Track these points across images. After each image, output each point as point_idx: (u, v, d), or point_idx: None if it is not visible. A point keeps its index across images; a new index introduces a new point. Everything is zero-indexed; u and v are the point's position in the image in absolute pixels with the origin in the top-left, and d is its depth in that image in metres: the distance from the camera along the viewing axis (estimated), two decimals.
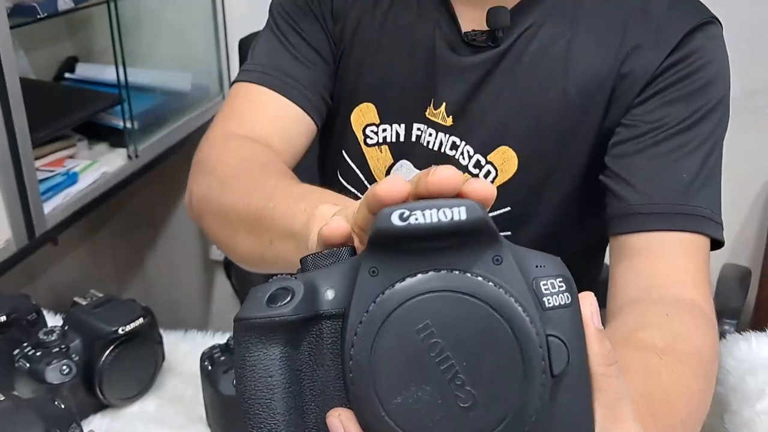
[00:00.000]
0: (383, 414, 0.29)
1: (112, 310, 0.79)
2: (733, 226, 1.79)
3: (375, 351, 0.29)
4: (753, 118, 1.68)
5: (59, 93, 1.50)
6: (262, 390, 0.31)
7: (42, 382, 0.74)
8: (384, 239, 0.30)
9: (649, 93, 0.73)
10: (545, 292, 0.31)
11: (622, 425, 0.33)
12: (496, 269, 0.30)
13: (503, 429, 0.29)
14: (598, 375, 0.32)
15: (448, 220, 0.29)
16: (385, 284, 0.30)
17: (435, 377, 0.29)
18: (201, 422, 0.79)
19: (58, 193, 1.27)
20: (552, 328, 0.30)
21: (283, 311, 0.31)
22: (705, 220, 0.69)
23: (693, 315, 0.63)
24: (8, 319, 0.79)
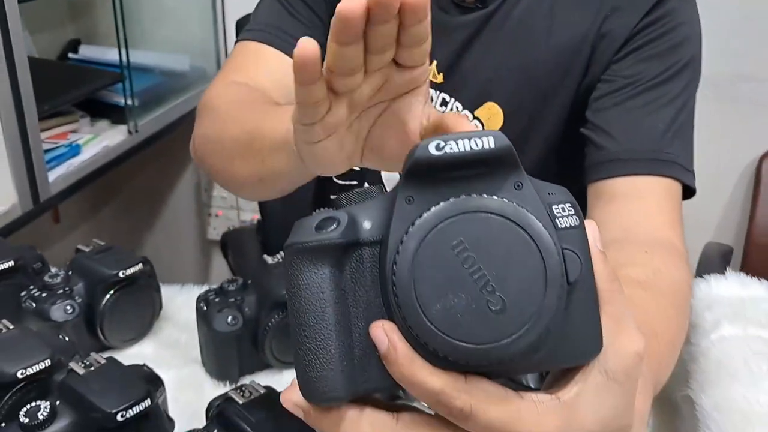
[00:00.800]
0: (425, 319, 0.32)
1: (113, 256, 0.84)
2: (716, 206, 1.84)
3: (415, 266, 0.32)
4: (736, 102, 1.73)
5: (64, 70, 1.56)
6: (314, 304, 0.35)
7: (47, 320, 0.79)
8: (421, 168, 0.33)
9: (626, 51, 0.79)
10: (557, 214, 0.34)
11: (628, 334, 0.36)
12: (518, 193, 0.34)
13: (528, 328, 0.32)
14: (604, 291, 0.36)
15: (479, 148, 0.33)
16: (421, 209, 0.33)
17: (469, 286, 0.32)
18: (196, 363, 0.84)
19: (61, 163, 1.33)
20: (565, 243, 0.34)
21: (331, 236, 0.35)
22: (677, 166, 0.75)
23: (670, 253, 0.68)
24: (15, 265, 0.84)
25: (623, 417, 0.36)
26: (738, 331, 0.72)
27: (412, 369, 0.33)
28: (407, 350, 0.33)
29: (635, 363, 0.36)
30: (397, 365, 0.33)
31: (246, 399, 0.62)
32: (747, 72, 1.70)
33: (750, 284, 0.81)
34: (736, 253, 1.74)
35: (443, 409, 0.34)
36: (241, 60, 0.86)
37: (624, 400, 0.36)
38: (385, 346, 0.34)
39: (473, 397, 0.33)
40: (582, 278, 0.34)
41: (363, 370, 0.35)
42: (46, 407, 0.60)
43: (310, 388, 0.35)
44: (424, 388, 0.33)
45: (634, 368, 0.36)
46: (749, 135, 1.74)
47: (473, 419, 0.33)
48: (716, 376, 0.66)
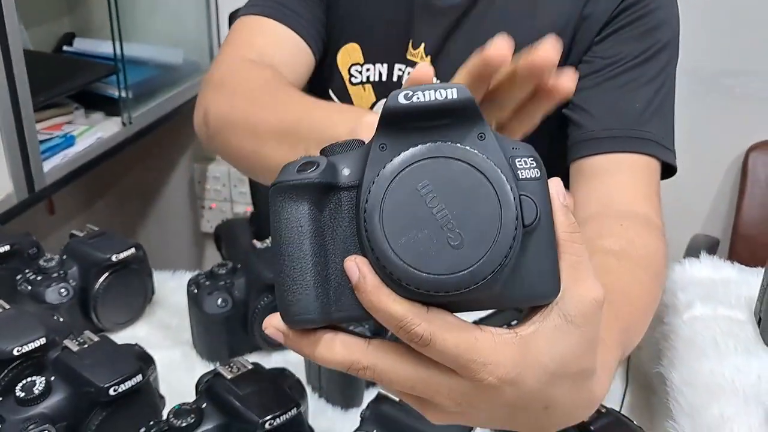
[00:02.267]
0: (391, 252, 0.36)
1: (106, 241, 0.86)
2: (704, 199, 1.86)
3: (384, 204, 0.36)
4: (723, 96, 1.75)
5: (59, 63, 1.57)
6: (293, 236, 0.38)
7: (42, 302, 0.81)
8: (392, 117, 0.37)
9: (606, 33, 0.81)
10: (519, 166, 0.37)
11: (585, 282, 0.38)
12: (481, 143, 0.37)
13: (483, 262, 0.35)
14: (563, 240, 0.38)
15: (443, 98, 0.36)
16: (392, 154, 0.37)
17: (431, 223, 0.35)
18: (187, 344, 0.86)
19: (56, 154, 1.34)
20: (524, 191, 0.37)
21: (310, 176, 0.38)
22: (654, 144, 0.77)
23: (645, 225, 0.70)
24: (11, 249, 0.86)
25: (583, 360, 0.39)
26: (708, 311, 0.74)
27: (378, 297, 0.37)
28: (375, 280, 0.37)
29: (594, 309, 0.38)
30: (366, 293, 0.37)
31: (234, 374, 0.64)
32: (734, 66, 1.72)
33: (722, 267, 0.83)
34: (722, 244, 1.76)
35: (405, 334, 0.37)
36: (247, 34, 0.87)
37: (583, 343, 0.38)
38: (356, 276, 0.37)
39: (432, 324, 0.36)
40: (539, 225, 0.37)
41: (337, 299, 0.38)
42: (42, 382, 0.63)
43: (288, 311, 0.39)
44: (388, 315, 0.37)
45: (593, 314, 0.38)
46: (736, 128, 1.76)
47: (432, 345, 0.36)
48: (686, 353, 0.69)
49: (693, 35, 1.51)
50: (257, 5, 0.88)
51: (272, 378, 0.66)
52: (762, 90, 1.73)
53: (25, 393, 0.62)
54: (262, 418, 0.60)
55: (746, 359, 0.67)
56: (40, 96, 1.30)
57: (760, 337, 0.72)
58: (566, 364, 0.38)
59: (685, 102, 1.75)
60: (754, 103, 1.74)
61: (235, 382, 0.63)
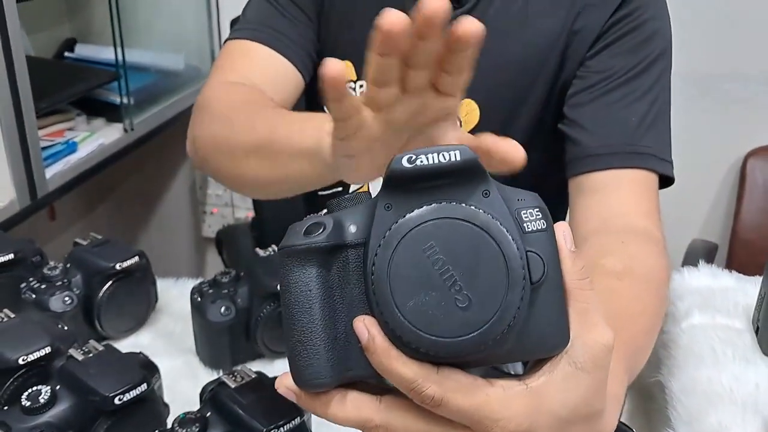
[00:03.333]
0: (399, 315, 0.36)
1: (109, 249, 0.87)
2: (702, 204, 1.86)
3: (391, 267, 0.36)
4: (721, 101, 1.75)
5: (61, 69, 1.58)
6: (302, 300, 0.38)
7: (46, 310, 0.81)
8: (396, 179, 0.37)
9: (599, 47, 0.82)
10: (525, 219, 0.38)
11: (595, 329, 0.39)
12: (485, 200, 0.37)
13: (492, 324, 0.35)
14: (572, 289, 0.38)
15: (447, 161, 0.37)
16: (398, 216, 0.37)
17: (439, 285, 0.36)
18: (190, 352, 0.87)
19: (58, 160, 1.35)
20: (531, 246, 0.37)
21: (317, 239, 0.38)
22: (652, 157, 0.78)
23: (646, 241, 0.71)
24: (15, 257, 0.86)
25: (593, 403, 0.40)
26: (707, 319, 0.75)
27: (388, 359, 0.37)
28: (384, 342, 0.37)
29: (603, 354, 0.39)
30: (376, 355, 0.37)
31: (238, 383, 0.65)
32: (733, 70, 1.73)
33: (720, 276, 0.84)
34: (721, 249, 1.77)
35: (416, 396, 0.37)
36: (233, 59, 0.88)
37: (593, 388, 0.39)
38: (366, 338, 0.37)
39: (443, 386, 0.37)
40: (547, 278, 0.37)
41: (347, 358, 0.39)
42: (47, 391, 0.63)
43: (300, 375, 0.39)
44: (398, 377, 0.37)
45: (602, 359, 0.39)
46: (735, 133, 1.77)
47: (444, 406, 0.37)
48: (684, 362, 0.70)
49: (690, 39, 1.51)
50: (244, 29, 0.89)
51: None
52: (760, 94, 1.73)
53: (31, 402, 0.62)
54: (266, 427, 0.60)
55: (744, 368, 0.67)
56: (42, 102, 1.31)
57: (757, 346, 0.73)
58: (577, 409, 0.39)
59: (683, 107, 1.75)
60: (752, 108, 1.74)
61: (239, 391, 0.64)
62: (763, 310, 0.73)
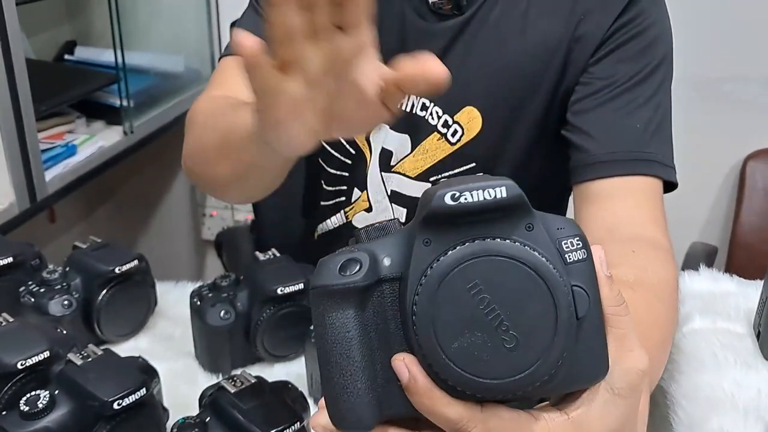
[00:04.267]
0: (443, 357, 0.35)
1: (109, 252, 0.86)
2: (702, 207, 1.86)
3: (434, 307, 0.35)
4: (721, 102, 1.75)
5: (60, 72, 1.58)
6: (341, 343, 0.37)
7: (45, 314, 0.81)
8: (437, 216, 0.36)
9: (602, 53, 0.82)
10: (566, 249, 0.37)
11: (632, 354, 0.39)
12: (529, 235, 0.36)
13: (540, 364, 0.35)
14: (609, 315, 0.38)
15: (492, 198, 0.35)
16: (438, 252, 0.36)
17: (484, 325, 0.35)
18: (189, 356, 0.87)
19: (58, 163, 1.35)
20: (574, 279, 0.36)
21: (355, 279, 0.37)
22: (657, 164, 0.78)
23: (655, 249, 0.70)
24: (15, 261, 0.86)
25: (629, 426, 0.40)
26: (708, 324, 0.75)
27: (431, 400, 0.36)
28: (427, 382, 0.36)
29: (639, 379, 0.39)
30: (418, 396, 0.36)
31: (237, 388, 0.64)
32: (732, 73, 1.73)
33: (721, 280, 0.84)
34: (720, 252, 1.77)
35: None
36: (223, 75, 0.89)
37: (629, 412, 0.39)
38: (407, 377, 0.36)
39: (488, 424, 0.36)
40: (590, 311, 0.37)
41: (387, 397, 0.38)
42: (46, 396, 0.63)
43: (340, 418, 0.38)
44: (442, 418, 0.36)
45: (638, 384, 0.39)
46: (734, 136, 1.77)
47: None
48: (686, 366, 0.70)
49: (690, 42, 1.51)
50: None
51: (275, 392, 0.66)
52: (760, 97, 1.73)
53: (29, 407, 0.62)
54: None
55: (746, 373, 0.67)
56: (41, 105, 1.31)
57: (759, 351, 0.73)
58: None
59: (683, 109, 1.74)
60: (752, 111, 1.74)
61: (238, 396, 0.63)
62: (765, 315, 0.73)
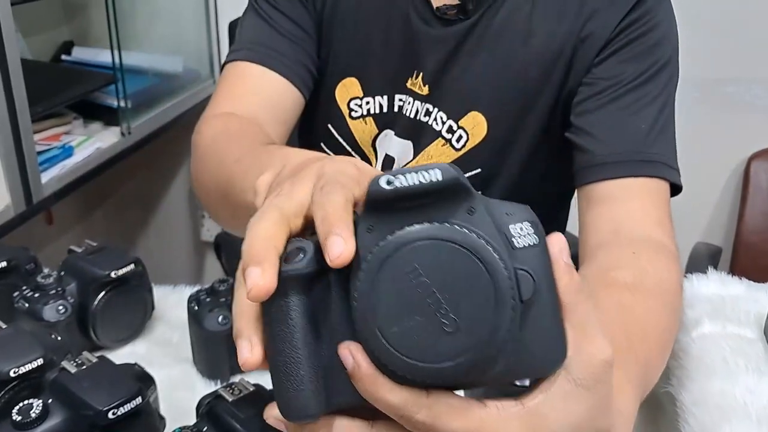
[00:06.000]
0: (384, 341, 0.34)
1: (104, 256, 0.85)
2: (706, 207, 1.86)
3: (374, 291, 0.35)
4: (724, 104, 1.75)
5: (57, 72, 1.57)
6: (284, 330, 0.37)
7: (40, 320, 0.80)
8: (375, 201, 0.36)
9: (607, 53, 0.80)
10: (514, 234, 0.36)
11: (593, 344, 0.37)
12: (470, 218, 0.35)
13: (481, 347, 0.34)
14: (567, 303, 0.37)
15: (427, 181, 0.35)
16: (379, 238, 0.35)
17: (424, 309, 0.34)
18: (187, 362, 0.85)
19: (54, 165, 1.34)
20: (521, 263, 0.35)
21: (298, 267, 0.37)
22: (662, 165, 0.76)
23: (658, 252, 0.69)
24: (8, 266, 0.85)
25: (598, 421, 0.38)
26: (717, 328, 0.73)
27: (375, 386, 0.36)
28: (370, 369, 0.36)
29: (604, 369, 0.37)
30: (362, 383, 0.36)
31: (235, 396, 0.63)
32: (736, 74, 1.72)
33: (730, 283, 0.82)
34: (724, 253, 1.76)
35: (406, 422, 0.36)
36: (229, 85, 0.87)
37: (596, 405, 0.37)
38: (351, 365, 0.36)
39: (433, 410, 0.35)
40: (539, 295, 0.36)
41: (334, 387, 0.37)
42: (39, 405, 0.61)
43: (286, 408, 0.38)
44: (386, 404, 0.36)
45: (603, 374, 0.37)
46: (738, 136, 1.76)
47: (436, 430, 0.35)
48: (696, 373, 0.68)
49: (694, 43, 1.50)
50: (242, 49, 0.87)
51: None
52: (763, 98, 1.73)
53: (22, 416, 0.60)
54: None
55: (758, 379, 0.66)
56: (38, 106, 1.29)
57: None
58: (580, 428, 0.37)
59: (687, 110, 1.74)
60: (756, 112, 1.74)
61: (236, 404, 0.62)
62: None
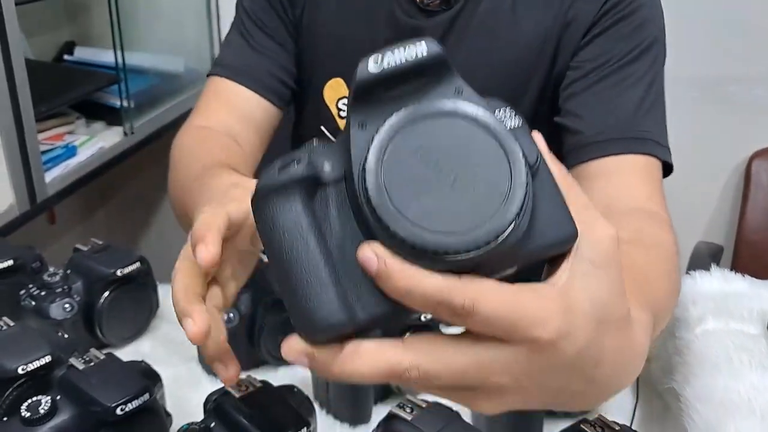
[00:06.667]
0: (407, 221, 0.32)
1: (110, 255, 0.85)
2: (707, 206, 1.86)
3: (384, 179, 0.33)
4: (726, 103, 1.75)
5: (61, 72, 1.57)
6: (296, 236, 0.34)
7: (46, 318, 0.80)
8: (364, 88, 0.34)
9: (591, 36, 0.81)
10: (500, 117, 0.35)
11: (597, 223, 0.36)
12: (461, 97, 0.35)
13: (505, 207, 0.32)
14: (562, 185, 0.36)
15: (414, 57, 0.34)
16: (376, 128, 0.34)
17: (440, 183, 0.33)
18: (192, 360, 0.85)
19: (58, 164, 1.34)
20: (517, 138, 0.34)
21: (297, 170, 0.35)
22: (652, 142, 0.76)
23: (651, 218, 0.69)
24: (15, 264, 0.85)
25: (617, 302, 0.37)
26: (721, 325, 0.74)
27: (406, 278, 0.33)
28: (398, 262, 0.33)
29: (614, 247, 0.36)
30: (392, 279, 0.33)
31: (243, 393, 0.63)
32: (737, 73, 1.72)
33: (733, 280, 0.83)
34: (726, 252, 1.76)
35: (445, 310, 0.33)
36: (208, 100, 0.92)
37: (614, 285, 0.36)
38: (375, 264, 0.33)
39: (471, 290, 0.33)
40: (541, 166, 0.35)
41: (358, 299, 0.34)
42: (47, 402, 0.62)
43: (313, 319, 0.34)
44: (422, 294, 0.33)
45: (613, 252, 0.36)
46: (739, 135, 1.76)
47: (477, 312, 0.33)
48: (699, 369, 0.68)
49: (695, 43, 1.50)
50: (219, 65, 0.93)
51: (281, 396, 0.65)
52: (765, 97, 1.73)
53: (31, 413, 0.61)
54: None
55: (762, 375, 0.66)
56: (41, 106, 1.29)
57: None
58: (606, 309, 0.36)
59: (688, 109, 1.74)
60: (757, 110, 1.74)
61: (243, 400, 0.62)
62: None
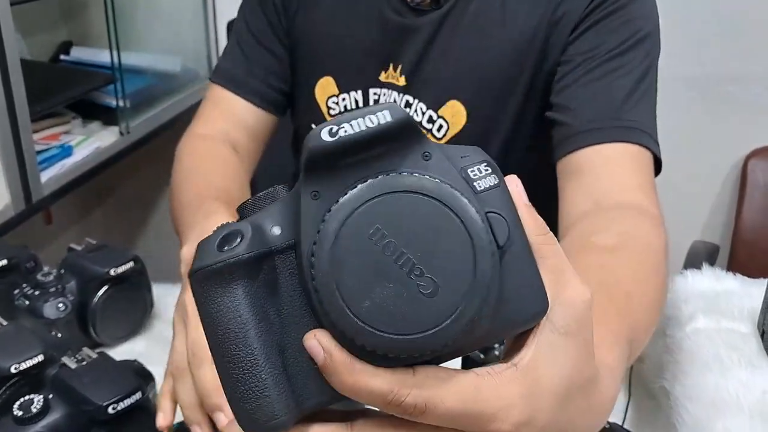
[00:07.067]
0: (356, 320, 0.30)
1: (104, 254, 0.86)
2: (703, 205, 1.86)
3: (334, 266, 0.30)
4: (722, 102, 1.74)
5: (56, 72, 1.57)
6: (233, 329, 0.31)
7: (40, 317, 0.80)
8: (318, 159, 0.31)
9: (580, 31, 0.81)
10: (474, 177, 0.32)
11: (570, 285, 0.34)
12: (427, 164, 0.31)
13: (466, 304, 0.30)
14: (537, 245, 0.33)
15: (376, 125, 0.30)
16: (329, 203, 0.30)
17: (395, 274, 0.30)
18: None
19: (54, 164, 1.34)
20: (488, 206, 0.32)
21: (237, 251, 0.31)
22: (640, 132, 0.75)
23: (640, 215, 0.67)
24: (9, 264, 0.85)
25: (585, 369, 0.35)
26: (711, 323, 0.74)
27: (352, 375, 0.31)
28: (345, 356, 0.31)
29: (584, 312, 0.34)
30: (337, 374, 0.31)
31: None
32: (733, 73, 1.72)
33: (724, 279, 0.83)
34: (722, 251, 1.76)
35: (395, 409, 0.32)
36: (208, 108, 0.98)
37: (582, 352, 0.34)
38: (322, 356, 0.31)
39: (425, 389, 0.31)
40: (512, 239, 0.32)
41: (303, 385, 0.32)
42: (39, 400, 0.62)
43: (250, 420, 0.32)
44: (369, 393, 0.31)
45: (584, 317, 0.34)
46: (735, 135, 1.76)
47: (431, 411, 0.31)
48: (690, 367, 0.69)
49: (692, 42, 1.50)
50: (218, 73, 0.98)
51: None
52: (761, 96, 1.73)
53: (23, 411, 0.61)
54: None
55: (751, 374, 0.66)
56: (37, 106, 1.29)
57: (763, 351, 0.72)
58: (572, 380, 0.34)
59: (684, 108, 1.74)
60: (754, 110, 1.74)
61: None
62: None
